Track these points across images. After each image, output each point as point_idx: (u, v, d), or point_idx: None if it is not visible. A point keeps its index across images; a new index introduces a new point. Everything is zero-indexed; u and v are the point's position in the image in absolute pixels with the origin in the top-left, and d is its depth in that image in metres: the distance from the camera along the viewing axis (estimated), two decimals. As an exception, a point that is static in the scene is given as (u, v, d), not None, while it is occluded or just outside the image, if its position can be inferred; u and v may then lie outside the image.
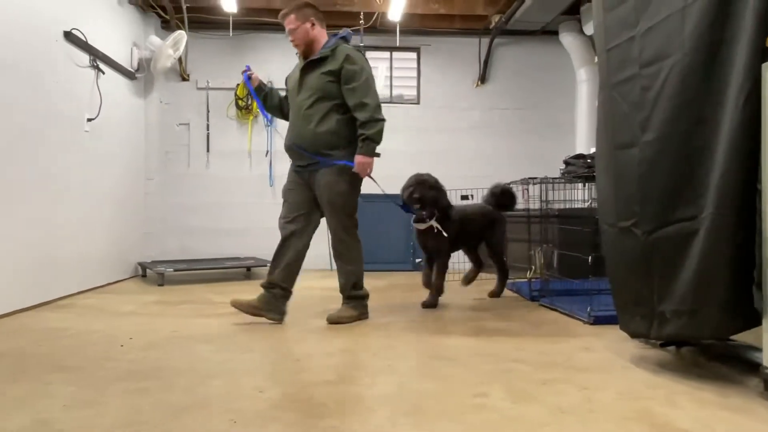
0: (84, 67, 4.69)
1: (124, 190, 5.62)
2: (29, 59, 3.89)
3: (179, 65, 6.41)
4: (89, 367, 2.43)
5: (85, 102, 4.72)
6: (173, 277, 5.49)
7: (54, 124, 4.22)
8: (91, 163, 4.82)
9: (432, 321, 3.52)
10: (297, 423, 1.78)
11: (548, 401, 1.98)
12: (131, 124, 5.85)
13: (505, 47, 6.97)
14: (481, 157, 6.86)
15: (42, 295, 4.02)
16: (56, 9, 4.25)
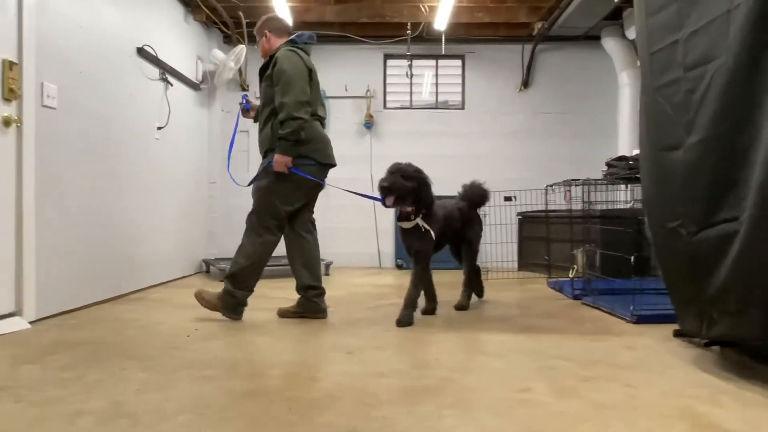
0: (154, 80, 4.86)
1: (189, 193, 5.80)
2: (107, 72, 4.06)
3: (239, 76, 6.57)
4: (158, 355, 2.52)
5: (155, 112, 4.89)
6: (234, 273, 5.60)
7: (128, 132, 4.38)
8: (160, 168, 5.00)
9: (476, 318, 3.49)
10: (349, 412, 1.80)
11: (591, 397, 1.93)
12: (196, 132, 6.02)
13: (547, 53, 6.85)
14: (524, 160, 6.76)
15: (117, 289, 4.19)
16: (131, 27, 4.42)
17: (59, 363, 2.36)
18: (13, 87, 3.07)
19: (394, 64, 6.96)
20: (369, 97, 6.75)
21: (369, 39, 6.66)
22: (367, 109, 6.74)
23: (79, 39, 3.70)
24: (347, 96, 6.79)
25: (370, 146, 6.74)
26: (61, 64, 3.50)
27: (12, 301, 3.12)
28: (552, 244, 5.25)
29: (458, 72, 6.96)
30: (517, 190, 5.73)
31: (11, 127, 3.09)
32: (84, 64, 3.75)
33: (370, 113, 6.73)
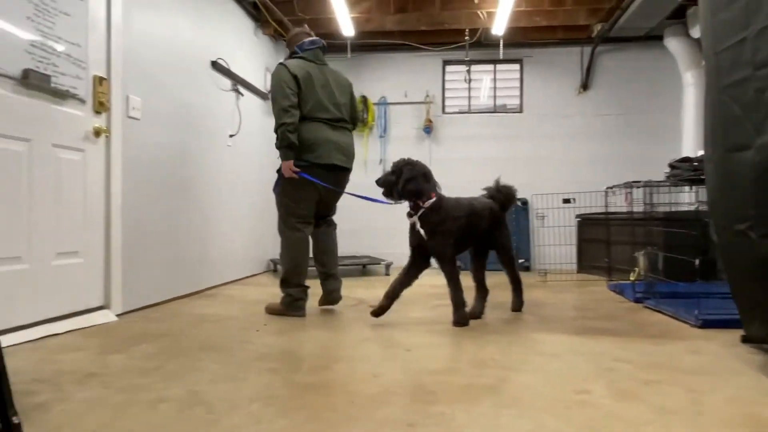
0: (227, 91, 5.05)
1: (258, 196, 5.98)
2: (185, 84, 4.26)
3: (305, 85, 6.71)
4: (230, 347, 2.62)
5: (228, 120, 5.08)
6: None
7: (203, 140, 4.58)
8: (231, 173, 5.18)
9: (534, 319, 3.42)
10: (408, 407, 1.81)
11: (652, 401, 1.86)
12: (264, 139, 6.20)
13: (607, 54, 6.62)
14: (584, 163, 6.56)
15: (194, 285, 4.38)
16: (205, 42, 4.61)
17: (142, 353, 2.50)
18: (102, 100, 3.28)
19: (452, 69, 6.92)
20: (428, 102, 6.74)
21: (428, 46, 6.65)
22: (426, 114, 6.74)
23: (160, 54, 3.90)
24: (407, 102, 6.81)
25: (429, 151, 6.73)
26: (144, 78, 3.70)
27: (101, 295, 3.33)
28: (612, 247, 5.07)
29: (516, 76, 6.85)
30: (576, 193, 5.57)
31: (101, 137, 3.30)
32: (164, 77, 3.95)
33: (429, 118, 6.73)
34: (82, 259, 3.17)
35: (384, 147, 6.81)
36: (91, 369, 2.23)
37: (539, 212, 5.88)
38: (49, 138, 2.92)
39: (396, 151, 6.81)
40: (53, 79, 2.90)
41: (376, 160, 6.82)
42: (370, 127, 6.80)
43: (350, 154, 3.70)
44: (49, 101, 2.92)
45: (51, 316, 2.92)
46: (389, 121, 6.86)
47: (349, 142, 3.71)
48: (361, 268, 6.20)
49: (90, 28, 3.20)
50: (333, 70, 3.73)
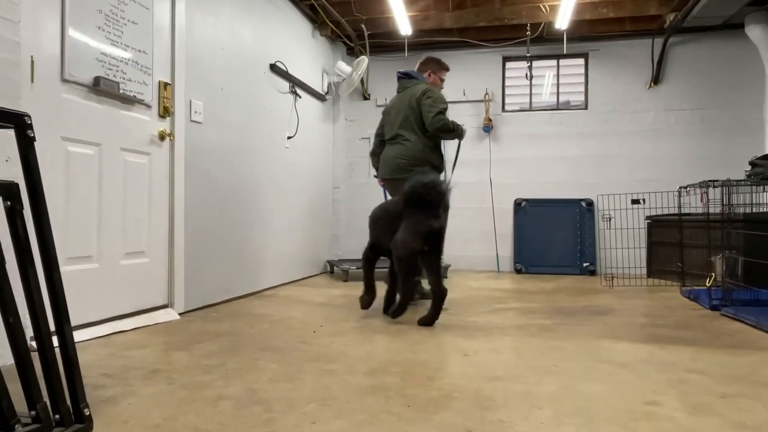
0: (285, 93, 5.19)
1: (315, 197, 6.10)
2: (244, 88, 4.41)
3: (361, 86, 6.80)
4: (288, 348, 2.69)
5: (286, 122, 5.21)
6: (356, 273, 5.80)
7: (262, 142, 4.72)
8: (290, 175, 5.31)
9: (600, 325, 3.32)
10: (465, 413, 1.80)
11: (729, 416, 1.77)
12: (321, 140, 6.33)
13: (680, 46, 6.33)
14: (655, 161, 6.30)
15: (252, 285, 4.52)
16: (264, 45, 4.76)
17: (204, 351, 2.60)
18: (167, 105, 3.44)
19: (513, 66, 6.81)
20: (487, 100, 6.66)
21: (487, 42, 6.58)
22: (485, 112, 6.66)
23: (220, 58, 4.06)
24: (465, 100, 6.76)
25: (489, 150, 6.65)
26: (205, 83, 3.85)
27: (165, 294, 3.49)
28: (686, 250, 4.85)
29: (581, 71, 6.65)
30: (646, 193, 5.36)
31: (165, 141, 3.46)
32: (224, 81, 4.10)
33: (489, 117, 6.65)
34: (148, 258, 3.34)
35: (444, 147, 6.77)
36: (156, 365, 2.35)
37: (605, 213, 5.69)
38: (118, 142, 3.10)
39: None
40: (121, 86, 3.08)
41: (434, 160, 6.80)
42: (427, 126, 6.79)
43: (396, 164, 4.09)
44: (118, 107, 3.10)
45: (119, 313, 3.10)
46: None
47: (396, 153, 4.11)
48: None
49: (155, 36, 3.37)
50: (410, 90, 4.16)
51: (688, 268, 4.73)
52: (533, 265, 6.21)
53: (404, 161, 4.05)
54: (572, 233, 6.20)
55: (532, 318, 3.52)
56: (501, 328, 3.20)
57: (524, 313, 3.72)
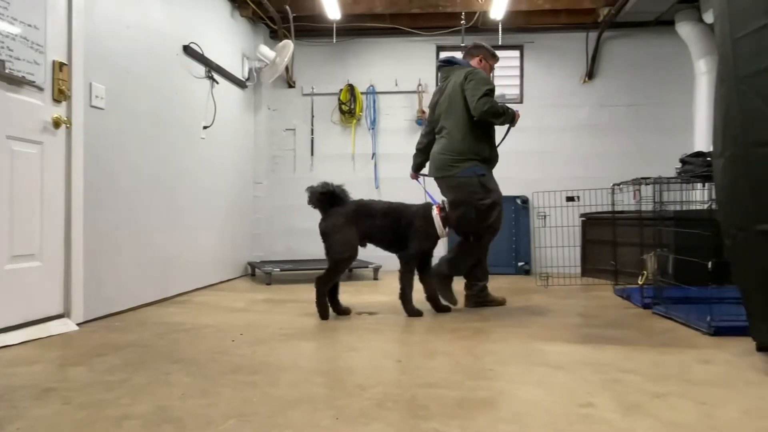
0: (200, 78, 5.03)
1: (235, 194, 5.96)
2: (154, 72, 4.23)
3: (286, 73, 6.70)
4: (203, 359, 2.60)
5: (201, 110, 5.05)
6: (280, 276, 5.73)
7: (175, 132, 4.55)
8: (206, 168, 5.16)
9: (536, 326, 3.43)
10: (398, 423, 1.80)
11: (662, 415, 1.87)
12: (241, 131, 6.19)
13: (614, 41, 6.66)
14: (589, 157, 6.60)
15: (162, 291, 4.35)
16: (177, 25, 4.58)
17: (106, 365, 2.47)
18: (62, 88, 3.25)
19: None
20: (420, 91, 6.75)
21: (421, 30, 6.66)
22: (418, 104, 6.74)
23: (126, 39, 3.87)
24: (397, 91, 6.81)
25: (421, 144, 6.73)
26: (108, 65, 3.67)
27: (60, 302, 3.29)
28: (619, 248, 5.11)
29: (516, 63, 6.87)
30: (581, 190, 5.60)
31: (61, 128, 3.26)
32: (131, 63, 3.92)
33: (422, 109, 6.73)
34: (39, 262, 3.14)
35: (374, 140, 6.81)
36: (49, 383, 2.20)
37: (540, 211, 5.91)
38: (3, 129, 2.89)
39: (387, 144, 6.83)
40: (7, 65, 2.87)
41: (367, 154, 6.81)
42: (357, 118, 6.79)
43: (440, 161, 4.00)
44: (3, 88, 2.89)
45: (3, 325, 2.89)
46: (378, 112, 6.86)
47: (439, 149, 4.02)
48: (347, 272, 6.19)
49: (48, 9, 3.16)
50: (451, 78, 4.06)
51: (621, 267, 4.99)
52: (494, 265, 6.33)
53: (447, 157, 3.93)
54: (507, 232, 6.37)
55: (467, 320, 3.59)
56: (435, 332, 3.24)
57: (459, 315, 3.79)
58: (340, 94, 6.77)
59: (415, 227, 3.72)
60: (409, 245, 3.72)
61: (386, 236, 3.76)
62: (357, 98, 6.75)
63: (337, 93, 6.79)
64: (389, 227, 3.72)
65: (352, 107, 6.73)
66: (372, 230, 3.72)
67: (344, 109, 6.76)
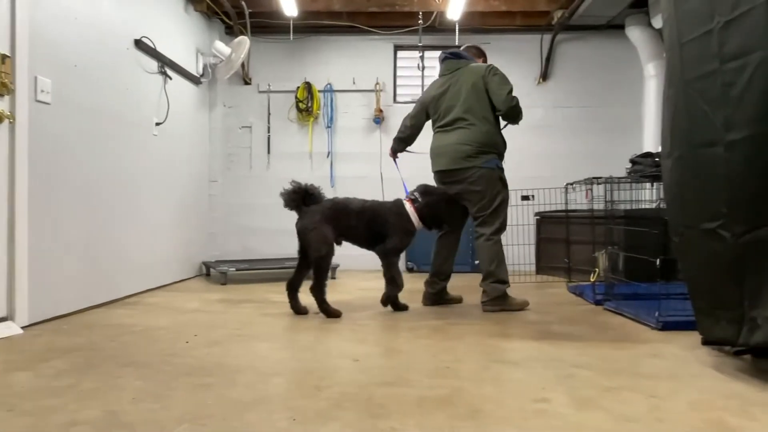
0: (152, 73, 4.90)
1: (189, 192, 5.84)
2: (104, 66, 4.09)
3: (242, 69, 6.60)
4: (155, 362, 2.54)
5: (154, 107, 4.92)
6: (235, 276, 5.65)
7: (125, 128, 4.42)
8: (158, 166, 5.03)
9: (492, 323, 3.48)
10: (356, 423, 1.80)
11: (613, 409, 1.92)
12: (196, 128, 6.06)
13: (568, 43, 6.82)
14: (543, 157, 6.73)
15: (112, 292, 4.22)
16: (128, 18, 4.45)
17: (52, 370, 2.38)
18: (5, 81, 3.11)
19: (404, 55, 6.96)
20: (378, 90, 6.75)
21: (378, 29, 6.66)
22: (376, 103, 6.74)
23: (74, 31, 3.74)
24: (355, 90, 6.80)
25: (380, 143, 6.74)
26: (55, 57, 3.53)
27: (3, 305, 3.16)
28: (572, 246, 5.23)
29: (473, 64, 6.94)
30: (535, 189, 5.71)
31: (3, 123, 3.13)
32: (79, 57, 3.79)
33: (380, 108, 6.74)
34: (-19, 263, 3.00)
35: (331, 138, 6.78)
36: (-10, 390, 2.11)
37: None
38: (-60, 123, 2.75)
39: (345, 143, 6.81)
40: (-55, 55, 2.73)
41: (323, 153, 6.78)
42: (315, 116, 6.75)
43: (461, 151, 3.90)
44: (-60, 80, 2.75)
45: (-58, 329, 2.75)
46: (336, 111, 6.83)
47: (458, 139, 3.92)
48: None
49: (-10, -2, 3.02)
50: (464, 70, 4.03)
51: (574, 264, 5.11)
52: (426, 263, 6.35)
53: (470, 147, 3.88)
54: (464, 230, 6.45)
55: (424, 319, 3.61)
56: (392, 331, 3.25)
57: (416, 313, 3.81)
58: (297, 92, 6.72)
59: (391, 224, 3.79)
60: (386, 241, 3.79)
61: (362, 234, 3.80)
62: (314, 96, 6.71)
63: (295, 91, 6.73)
64: (364, 225, 3.76)
65: (310, 105, 6.69)
66: (347, 229, 3.75)
67: (301, 107, 6.71)
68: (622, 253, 4.43)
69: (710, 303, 2.41)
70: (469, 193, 3.92)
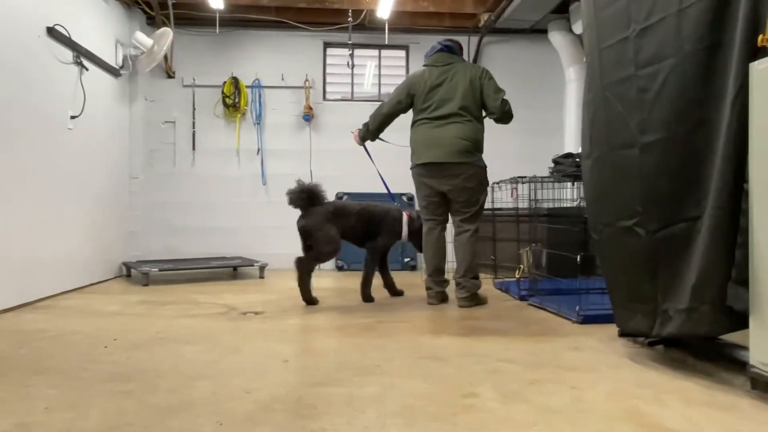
0: (67, 64, 4.64)
1: (108, 189, 5.57)
2: (12, 55, 3.84)
3: (165, 62, 6.36)
4: (71, 369, 2.40)
5: (69, 99, 4.66)
6: (158, 277, 5.45)
7: (37, 121, 4.16)
8: (74, 161, 4.77)
9: (421, 320, 3.52)
10: (285, 425, 1.77)
11: (537, 401, 1.98)
12: (115, 122, 5.79)
13: (494, 45, 6.99)
14: (470, 156, 6.86)
15: (22, 295, 3.97)
16: (40, 5, 4.19)
17: (-46, 380, 2.21)
18: None
19: (334, 53, 6.92)
20: (307, 87, 6.68)
21: (308, 25, 6.59)
22: (305, 100, 6.67)
23: (-21, 15, 3.49)
24: (284, 86, 6.70)
25: (309, 140, 6.67)
26: (-44, 43, 3.28)
27: None
28: (498, 244, 5.37)
29: (402, 63, 7.01)
30: (463, 188, 5.81)
31: None
32: (-16, 43, 3.54)
33: (309, 105, 6.67)
34: None
35: (260, 135, 6.65)
36: None
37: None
38: None
39: (274, 140, 6.70)
40: None
41: (252, 149, 6.64)
42: (242, 112, 6.60)
43: (460, 146, 3.93)
44: None
45: None
46: (265, 107, 6.71)
47: (458, 133, 3.94)
48: (231, 271, 6.02)
49: None
50: (459, 66, 4.07)
51: (501, 261, 5.25)
52: (356, 261, 6.37)
53: (469, 144, 3.94)
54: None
55: (355, 317, 3.60)
56: (322, 330, 3.23)
57: (346, 312, 3.80)
58: (223, 87, 6.54)
59: (386, 224, 4.18)
60: (377, 239, 4.16)
61: (359, 234, 4.15)
62: (242, 92, 6.56)
63: (221, 85, 6.55)
64: (362, 226, 4.11)
65: (237, 101, 6.53)
66: (346, 229, 4.05)
67: (228, 102, 6.54)
68: (545, 250, 4.59)
69: (626, 297, 2.54)
70: (461, 189, 3.96)
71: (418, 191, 4.16)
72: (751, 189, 1.93)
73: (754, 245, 1.92)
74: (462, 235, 4.02)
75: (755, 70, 1.91)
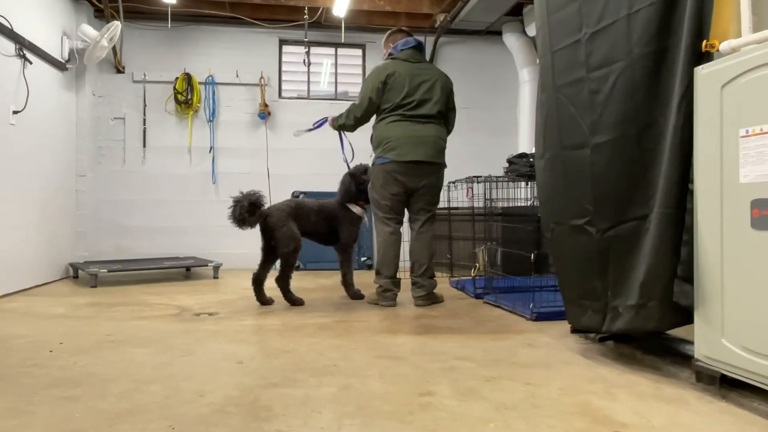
0: (9, 56, 4.44)
1: (53, 187, 5.37)
2: (-53, 46, 3.66)
3: (114, 57, 6.18)
4: (13, 374, 2.31)
5: (11, 93, 4.47)
6: (107, 278, 5.28)
7: (-25, 116, 3.98)
8: (17, 158, 4.58)
9: (378, 320, 3.52)
10: (240, 427, 1.74)
11: (493, 398, 2.01)
12: (61, 118, 5.59)
13: (450, 46, 7.05)
14: (427, 156, 6.90)
15: (-38, 298, 3.79)
16: (-22, -7, 4.01)
17: None
18: None
19: (290, 50, 6.86)
20: (263, 85, 6.59)
21: (263, 22, 6.51)
22: (261, 98, 6.59)
23: None
24: (239, 83, 6.60)
25: (265, 138, 6.59)
26: None
27: None
28: (454, 243, 5.42)
29: (359, 62, 7.00)
30: (420, 187, 5.84)
31: None
32: None
33: (265, 102, 6.59)
34: None
35: (213, 133, 6.53)
36: None
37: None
38: None
39: (228, 138, 6.59)
40: None
41: (204, 147, 6.51)
42: (195, 109, 6.47)
43: (440, 147, 4.02)
44: None
45: None
46: (219, 104, 6.59)
47: (438, 134, 4.01)
48: (184, 271, 5.89)
49: None
50: (433, 70, 4.11)
51: (457, 260, 5.31)
52: (312, 261, 6.34)
53: (444, 144, 4.05)
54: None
55: (311, 317, 3.58)
56: (278, 330, 3.19)
57: (303, 312, 3.77)
58: (176, 83, 6.40)
59: (341, 219, 4.17)
60: (341, 237, 4.18)
61: (320, 231, 4.16)
62: (195, 88, 6.43)
63: (173, 81, 6.40)
64: (322, 223, 4.12)
65: (189, 97, 6.40)
66: (307, 226, 4.04)
67: (180, 98, 6.40)
68: (500, 249, 4.66)
69: (578, 294, 2.60)
70: (432, 188, 4.03)
71: (383, 188, 3.95)
72: (696, 188, 2.00)
73: (699, 243, 2.00)
74: (425, 234, 4.04)
75: (699, 74, 1.98)
